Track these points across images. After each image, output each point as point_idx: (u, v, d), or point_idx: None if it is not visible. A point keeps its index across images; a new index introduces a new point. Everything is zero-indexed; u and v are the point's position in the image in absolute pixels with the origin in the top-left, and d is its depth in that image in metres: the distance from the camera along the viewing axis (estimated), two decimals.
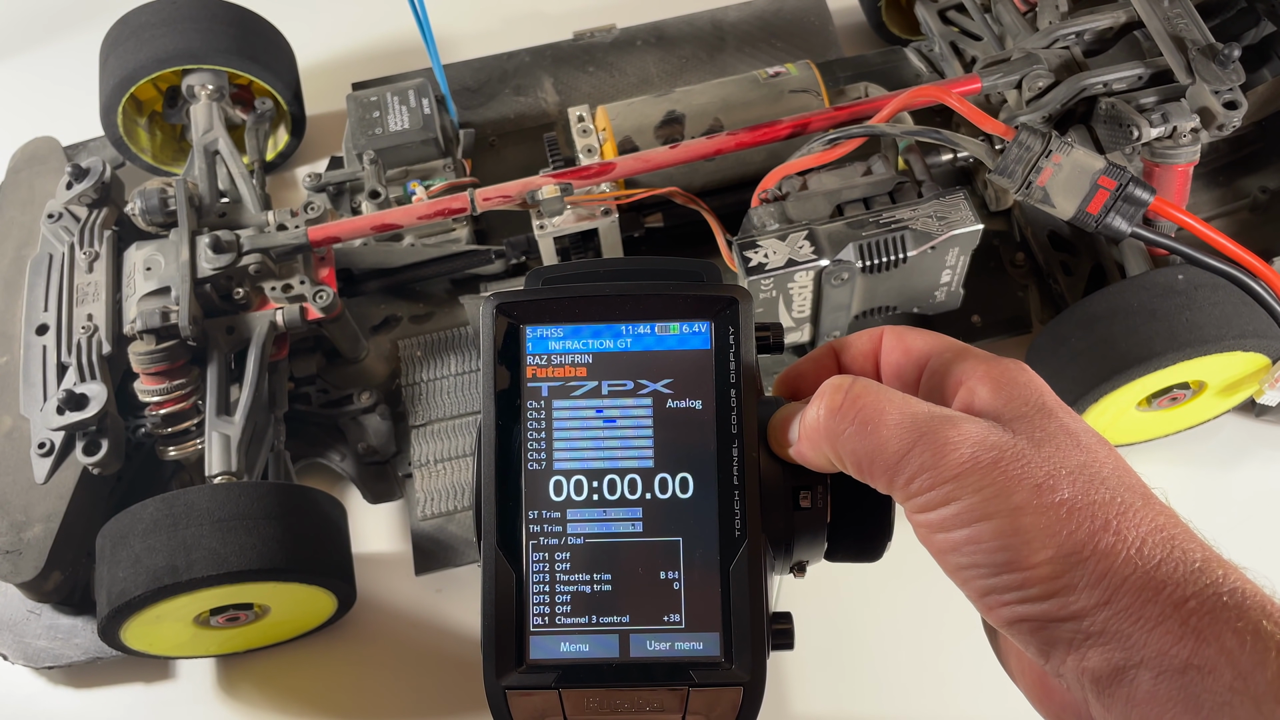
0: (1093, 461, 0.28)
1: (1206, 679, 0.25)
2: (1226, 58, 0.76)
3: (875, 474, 0.29)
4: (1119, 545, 0.26)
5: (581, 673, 0.31)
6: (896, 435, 0.29)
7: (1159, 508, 0.28)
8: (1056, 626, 0.27)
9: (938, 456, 0.28)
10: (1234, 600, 0.25)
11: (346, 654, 0.84)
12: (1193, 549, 0.27)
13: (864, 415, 0.29)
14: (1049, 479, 0.27)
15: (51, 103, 1.21)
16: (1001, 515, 0.27)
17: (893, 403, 0.29)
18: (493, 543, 0.32)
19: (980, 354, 0.31)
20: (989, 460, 0.28)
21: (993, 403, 0.30)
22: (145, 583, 0.69)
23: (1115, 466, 0.28)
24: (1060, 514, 0.27)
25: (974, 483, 0.27)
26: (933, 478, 0.28)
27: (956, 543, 0.28)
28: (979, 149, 0.75)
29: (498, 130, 1.08)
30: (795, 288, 0.81)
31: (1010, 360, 0.31)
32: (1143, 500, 0.28)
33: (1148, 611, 0.26)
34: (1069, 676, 0.27)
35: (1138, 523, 0.27)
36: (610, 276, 0.35)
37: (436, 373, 0.92)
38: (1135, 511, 0.27)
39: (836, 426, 0.30)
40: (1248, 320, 0.75)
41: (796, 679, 0.81)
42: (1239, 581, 0.26)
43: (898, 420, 0.29)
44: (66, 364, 0.81)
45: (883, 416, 0.29)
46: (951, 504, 0.28)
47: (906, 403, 0.29)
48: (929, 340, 0.33)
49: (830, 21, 1.13)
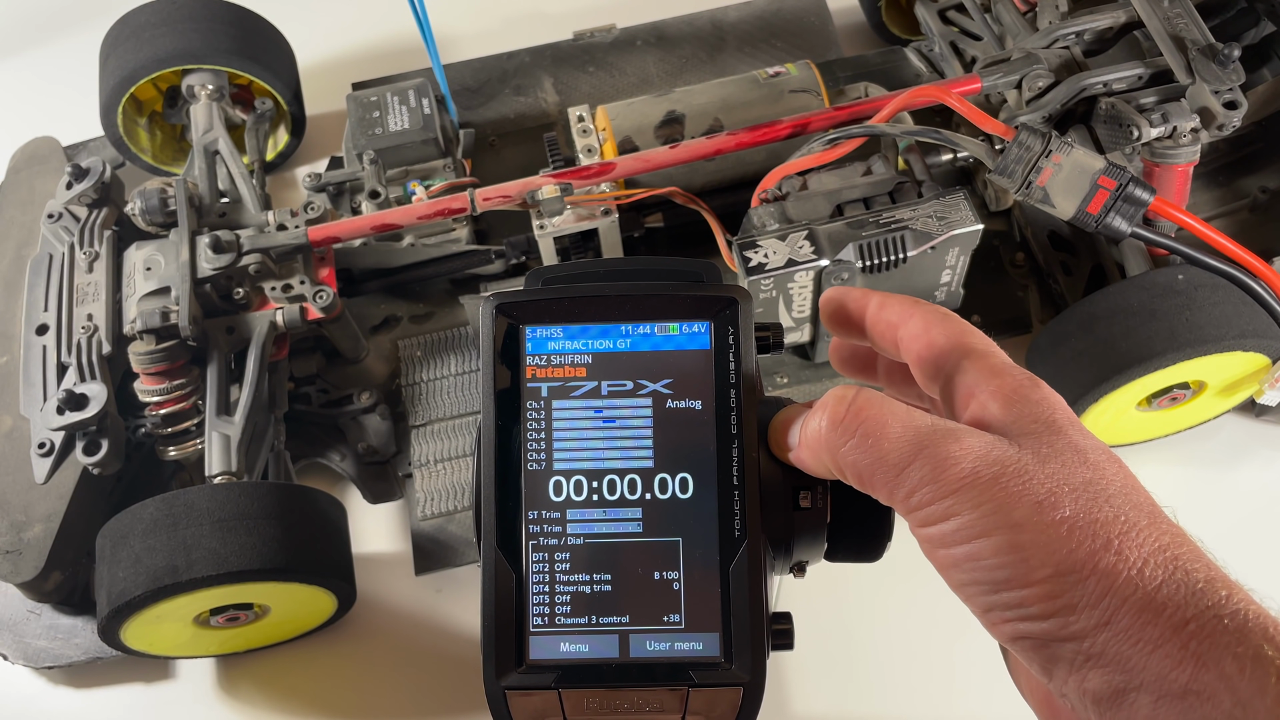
0: (1098, 479, 0.27)
1: (1206, 705, 0.24)
2: (1226, 58, 0.76)
3: (876, 486, 0.29)
4: (1120, 565, 0.26)
5: (581, 673, 0.31)
6: (897, 448, 0.28)
7: (1165, 526, 0.27)
8: (1058, 646, 0.26)
9: (938, 470, 0.27)
10: (1235, 624, 0.25)
11: (346, 654, 0.84)
12: (1197, 569, 0.26)
13: (866, 428, 0.29)
14: (1051, 496, 0.27)
15: (51, 103, 1.21)
16: (1001, 532, 0.27)
17: (895, 415, 0.29)
18: (492, 543, 0.32)
19: (996, 364, 0.31)
20: (990, 475, 0.27)
21: (1002, 417, 0.29)
22: (145, 583, 0.69)
23: (1123, 484, 0.28)
24: (1061, 532, 0.26)
25: (974, 498, 0.27)
26: (933, 491, 0.28)
27: (957, 558, 0.28)
28: (979, 149, 0.75)
29: (498, 130, 1.08)
30: (795, 288, 0.81)
31: (1025, 374, 0.30)
32: (1148, 519, 0.27)
33: (1148, 633, 0.25)
34: (1071, 696, 0.27)
35: (1140, 542, 0.26)
36: (610, 277, 0.34)
37: (436, 373, 0.92)
38: (1139, 530, 0.27)
39: (837, 438, 0.29)
40: (1248, 320, 0.75)
41: (796, 679, 0.81)
42: (1242, 603, 0.25)
43: (899, 433, 0.28)
44: (66, 364, 0.81)
45: (884, 429, 0.29)
46: (952, 519, 0.27)
47: (909, 415, 0.29)
48: (950, 335, 0.32)
49: (830, 21, 1.13)
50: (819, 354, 0.89)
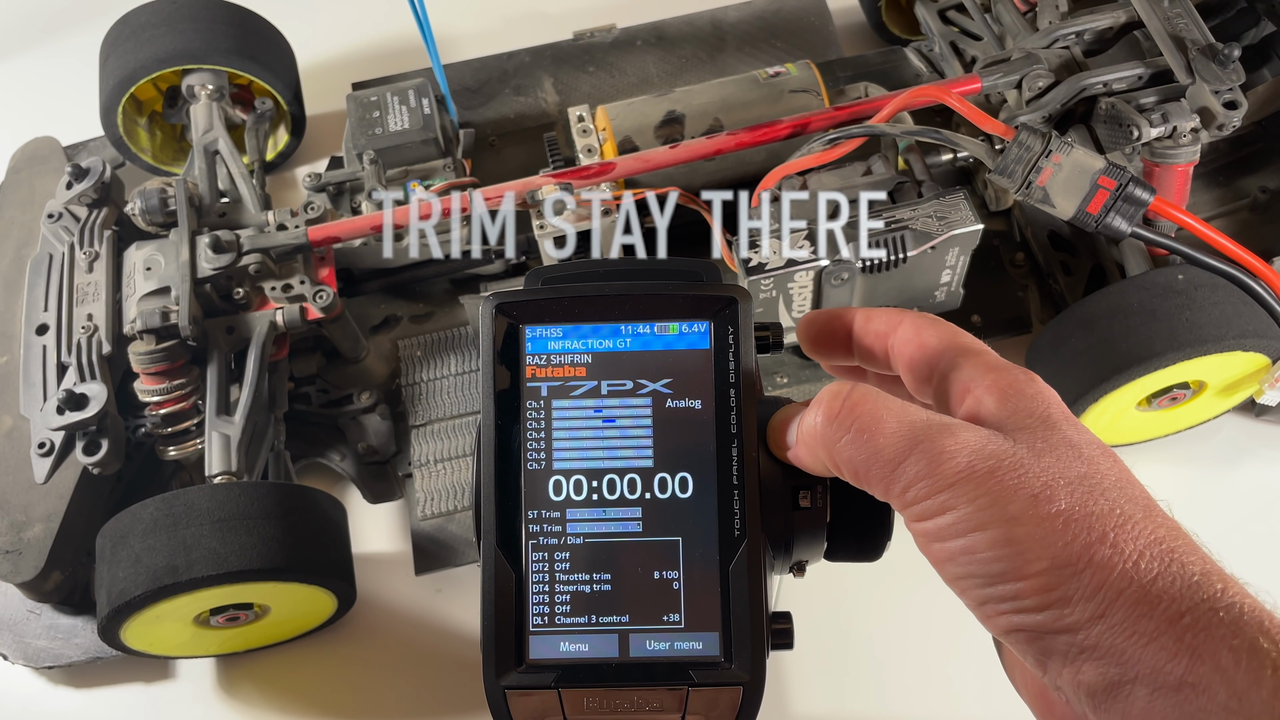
0: (1093, 473, 0.28)
1: (1201, 697, 0.24)
2: (1226, 58, 0.76)
3: (872, 481, 0.29)
4: (1115, 558, 0.26)
5: (581, 672, 0.31)
6: (893, 443, 0.28)
7: (1160, 519, 0.27)
8: (1052, 639, 0.26)
9: (934, 464, 0.28)
10: (1230, 616, 0.25)
11: (346, 654, 0.84)
12: (1192, 562, 0.26)
13: (861, 423, 0.29)
14: (1046, 489, 0.27)
15: (51, 103, 1.21)
16: (997, 525, 0.27)
17: (890, 410, 0.29)
18: (492, 542, 0.32)
19: (991, 360, 0.31)
20: (985, 469, 0.27)
21: (998, 412, 0.29)
22: (145, 583, 0.69)
23: (1118, 478, 0.28)
24: (1056, 525, 0.26)
25: (969, 492, 0.27)
26: (929, 486, 0.28)
27: (953, 552, 0.28)
28: (979, 149, 0.75)
29: (498, 130, 1.08)
30: (795, 288, 0.81)
31: (1020, 369, 0.30)
32: (1144, 512, 0.27)
33: (1142, 626, 0.25)
34: (1066, 689, 0.27)
35: (1136, 535, 0.26)
36: (610, 276, 0.35)
37: (436, 373, 0.92)
38: (1134, 523, 0.27)
39: (833, 434, 0.29)
40: (1248, 320, 0.75)
41: (796, 679, 0.81)
42: (1237, 596, 0.25)
43: (894, 428, 0.28)
44: (66, 364, 0.81)
45: (880, 424, 0.29)
46: (948, 513, 0.27)
47: (905, 410, 0.29)
48: (943, 336, 0.32)
49: (830, 21, 1.13)
50: None
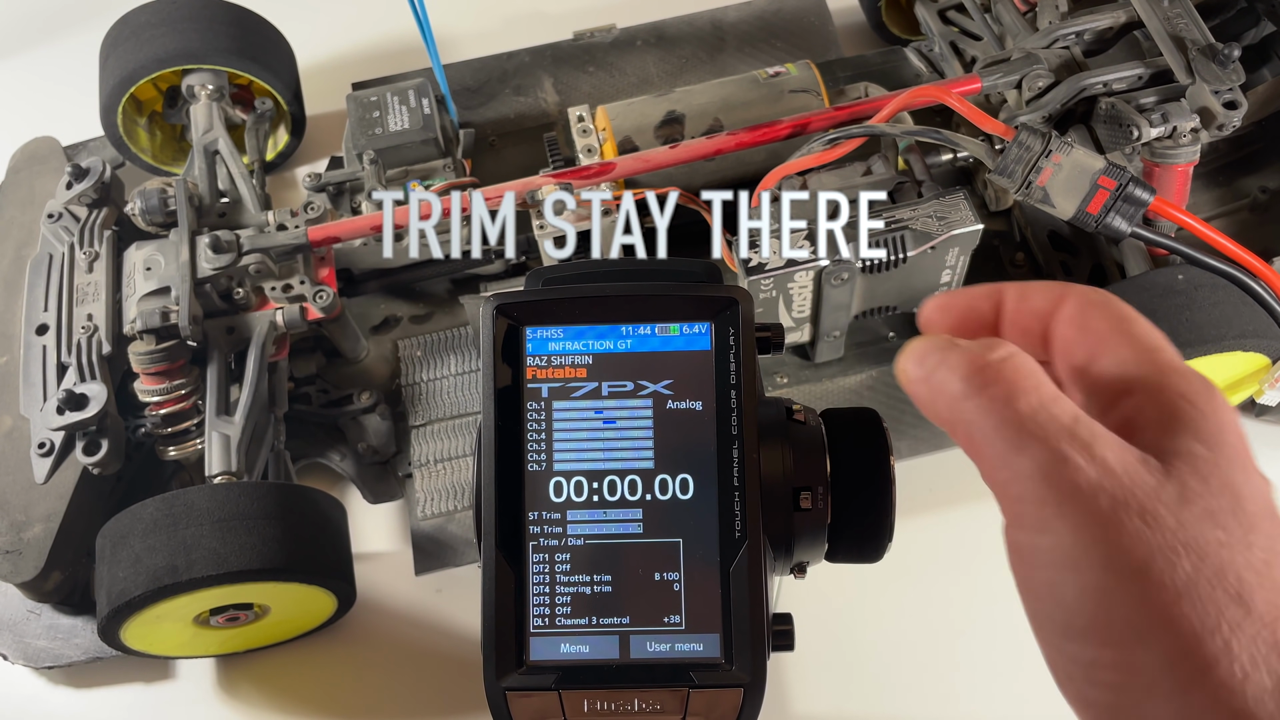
0: (1239, 541, 0.23)
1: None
2: (1226, 58, 0.76)
3: (983, 458, 0.25)
4: (1222, 659, 0.22)
5: (581, 674, 0.31)
6: (1024, 428, 0.24)
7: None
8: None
9: (1055, 468, 0.23)
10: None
11: (346, 654, 0.84)
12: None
13: (1001, 390, 0.24)
14: (1172, 550, 0.22)
15: (51, 103, 1.20)
16: (1096, 572, 0.22)
17: (1039, 390, 0.24)
18: (493, 543, 0.32)
19: (1165, 361, 0.26)
20: (1110, 501, 0.23)
21: (1158, 429, 0.24)
22: (145, 583, 0.69)
23: (1267, 553, 0.23)
24: (1165, 597, 0.22)
25: (1079, 520, 0.23)
26: (1039, 490, 0.23)
27: (1036, 585, 0.24)
28: (979, 149, 0.75)
29: (498, 130, 1.08)
30: (795, 288, 0.81)
31: (1198, 376, 0.25)
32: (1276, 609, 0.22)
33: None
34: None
35: (1255, 636, 0.22)
36: (610, 277, 0.35)
37: (436, 373, 0.92)
38: (1262, 622, 0.22)
39: (966, 388, 0.25)
40: (1248, 320, 0.75)
41: (796, 680, 0.81)
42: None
43: (1032, 411, 0.24)
44: (66, 364, 0.81)
45: (1019, 399, 0.24)
46: (1046, 533, 0.23)
47: (1056, 399, 0.24)
48: (1113, 322, 0.26)
49: (830, 21, 1.13)
50: (819, 354, 0.89)
